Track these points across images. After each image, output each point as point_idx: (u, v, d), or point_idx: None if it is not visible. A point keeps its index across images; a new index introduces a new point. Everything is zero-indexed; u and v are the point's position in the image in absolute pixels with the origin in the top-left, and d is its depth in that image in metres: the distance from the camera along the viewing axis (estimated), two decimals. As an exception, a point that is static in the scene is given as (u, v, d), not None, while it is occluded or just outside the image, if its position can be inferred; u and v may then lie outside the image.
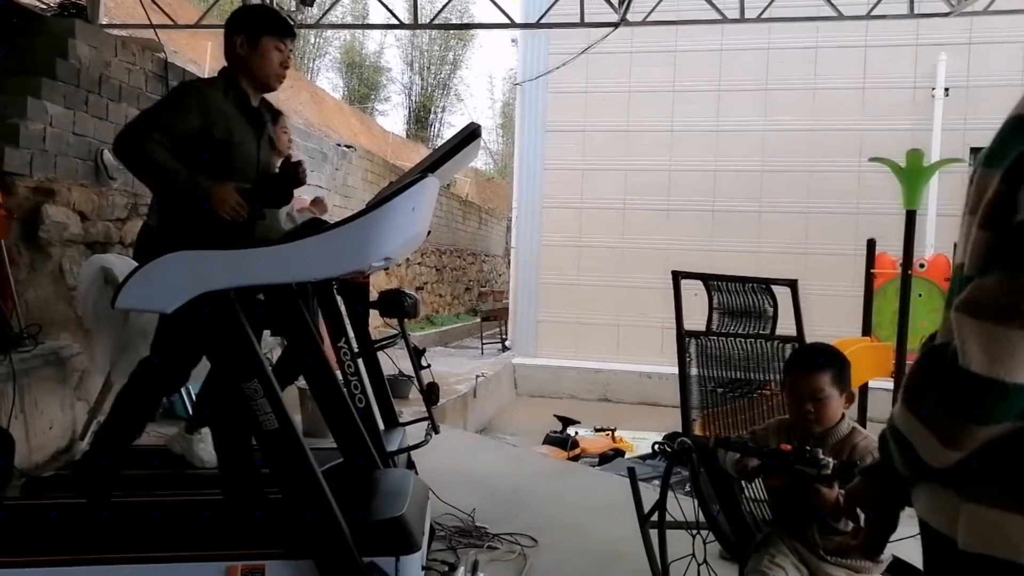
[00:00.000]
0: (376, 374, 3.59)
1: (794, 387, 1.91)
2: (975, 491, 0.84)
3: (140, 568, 2.20)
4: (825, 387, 1.84)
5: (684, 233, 11.11)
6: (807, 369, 1.88)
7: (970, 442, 0.82)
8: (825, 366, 1.86)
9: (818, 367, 1.86)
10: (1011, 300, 0.76)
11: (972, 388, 0.79)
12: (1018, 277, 0.77)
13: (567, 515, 3.58)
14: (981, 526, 0.83)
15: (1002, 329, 0.76)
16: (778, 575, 1.80)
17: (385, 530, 2.28)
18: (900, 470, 0.95)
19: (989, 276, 0.80)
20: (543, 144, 11.81)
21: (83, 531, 2.44)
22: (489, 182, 27.04)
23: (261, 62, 2.55)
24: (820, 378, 1.85)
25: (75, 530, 2.46)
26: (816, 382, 1.85)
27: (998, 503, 0.82)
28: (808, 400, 1.86)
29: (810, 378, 1.86)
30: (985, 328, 0.78)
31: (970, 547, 0.84)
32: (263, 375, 2.15)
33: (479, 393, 8.68)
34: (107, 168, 4.63)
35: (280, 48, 2.57)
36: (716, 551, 2.27)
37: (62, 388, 3.83)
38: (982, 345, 0.77)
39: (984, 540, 0.83)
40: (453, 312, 15.18)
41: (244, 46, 2.53)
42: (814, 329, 3.02)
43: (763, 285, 2.89)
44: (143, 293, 2.11)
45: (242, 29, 2.54)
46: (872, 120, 10.47)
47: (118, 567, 2.19)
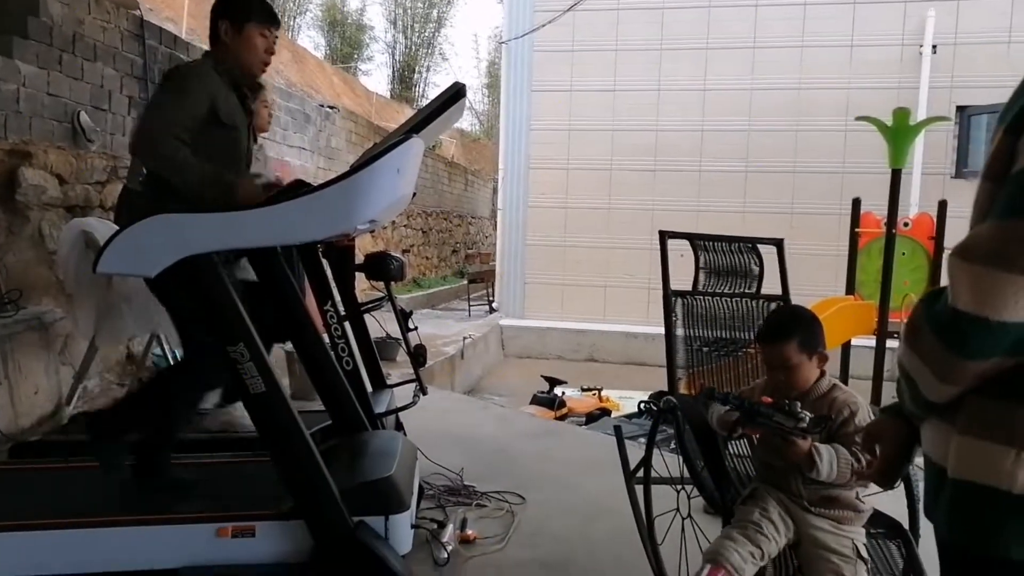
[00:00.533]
0: (363, 337, 3.59)
1: (765, 357, 1.97)
2: (966, 425, 0.91)
3: (130, 531, 2.22)
4: (792, 356, 1.87)
5: (671, 193, 11.09)
6: (772, 340, 1.92)
7: (962, 376, 0.89)
8: (790, 335, 1.88)
9: (782, 337, 1.89)
10: (1001, 245, 0.82)
11: (960, 325, 0.85)
12: (1009, 223, 0.83)
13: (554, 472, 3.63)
14: (968, 455, 0.90)
15: (989, 271, 0.82)
16: (767, 527, 1.84)
17: (374, 490, 2.31)
18: (910, 408, 1.02)
19: (985, 223, 0.86)
20: (529, 104, 11.67)
21: (71, 496, 2.45)
22: (475, 143, 26.77)
23: (245, 49, 2.50)
24: (785, 348, 1.88)
25: (63, 495, 2.46)
26: (782, 352, 1.88)
27: (984, 435, 0.89)
28: (779, 369, 1.91)
29: (776, 349, 1.90)
30: (974, 270, 0.83)
31: (958, 474, 0.91)
32: (249, 339, 2.14)
33: (466, 355, 8.72)
34: (84, 130, 4.54)
35: (265, 35, 2.52)
36: (700, 506, 2.32)
37: (46, 353, 3.81)
38: (970, 286, 0.84)
39: (970, 468, 0.90)
40: (440, 274, 15.15)
41: (228, 32, 2.48)
42: (799, 288, 3.04)
43: (749, 244, 2.89)
44: (124, 257, 2.09)
45: (226, 15, 2.49)
46: (859, 78, 10.41)
47: (107, 530, 2.21)
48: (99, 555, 2.19)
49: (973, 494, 0.89)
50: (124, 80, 5.06)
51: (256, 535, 2.20)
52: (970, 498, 0.90)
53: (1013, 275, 0.81)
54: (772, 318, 2.15)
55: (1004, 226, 0.83)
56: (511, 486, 3.30)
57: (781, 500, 1.89)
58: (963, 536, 0.92)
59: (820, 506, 1.86)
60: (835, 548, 1.81)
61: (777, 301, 2.83)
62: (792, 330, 1.91)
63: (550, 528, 2.94)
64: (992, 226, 0.84)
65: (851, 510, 1.87)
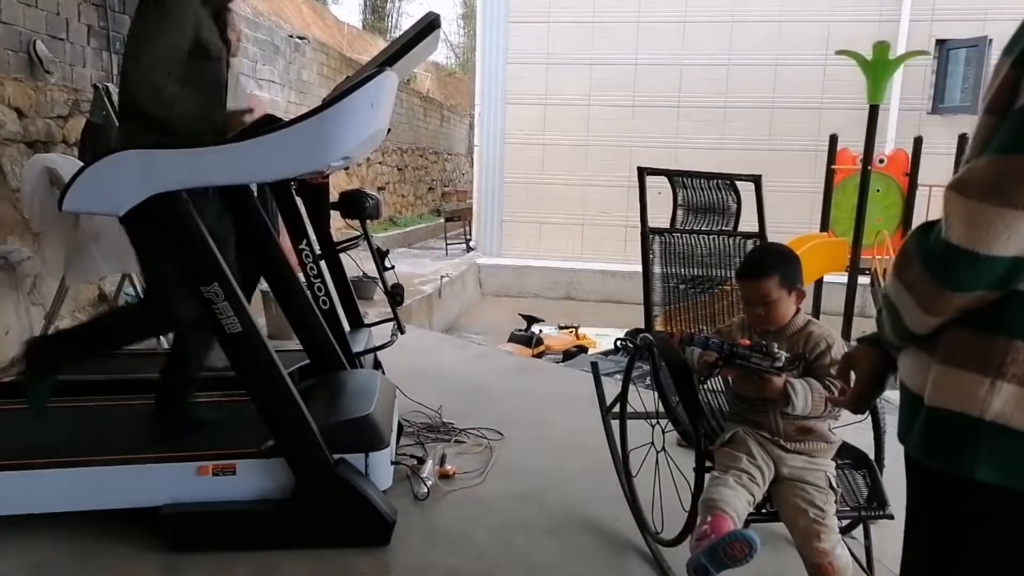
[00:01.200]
0: (339, 276, 3.56)
1: (744, 293, 2.00)
2: (943, 355, 0.94)
3: (110, 470, 2.22)
4: (772, 291, 1.91)
5: (649, 129, 10.99)
6: (753, 276, 1.95)
7: (944, 307, 0.91)
8: (771, 271, 1.92)
9: (764, 273, 1.93)
10: (996, 179, 0.83)
11: (950, 257, 0.87)
12: (1007, 159, 0.83)
13: (532, 409, 3.69)
14: (944, 383, 0.94)
15: (984, 206, 0.83)
16: (756, 473, 1.88)
17: (353, 428, 2.33)
18: (890, 338, 1.05)
19: (982, 157, 0.86)
20: (506, 36, 11.37)
21: (48, 436, 2.44)
22: (451, 77, 26.15)
23: None
24: (766, 284, 1.91)
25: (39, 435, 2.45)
26: (763, 288, 1.92)
27: (961, 364, 0.92)
28: (758, 304, 1.94)
29: (756, 285, 1.93)
30: (969, 204, 0.85)
31: (934, 402, 0.94)
32: (223, 278, 2.11)
33: (444, 293, 8.73)
34: (42, 60, 4.35)
35: None
36: (674, 440, 2.37)
37: (14, 293, 3.74)
38: (964, 219, 0.85)
39: (945, 396, 0.93)
40: (416, 212, 15.01)
41: None
42: (776, 225, 3.05)
43: (727, 181, 2.88)
44: (91, 195, 2.03)
45: None
46: (839, 11, 10.26)
47: (87, 470, 2.22)
48: (80, 494, 2.21)
49: (948, 420, 0.93)
50: (82, 7, 4.82)
51: (237, 473, 2.22)
52: (945, 424, 0.93)
53: (1007, 210, 0.82)
54: (752, 255, 2.16)
55: (1002, 160, 0.83)
56: (489, 422, 3.35)
57: (760, 441, 1.93)
58: (936, 460, 0.96)
59: (795, 440, 1.91)
60: (810, 480, 1.88)
61: (754, 239, 2.84)
62: (773, 266, 1.94)
63: (527, 462, 3.00)
64: (990, 160, 0.85)
65: (823, 442, 1.94)
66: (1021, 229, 0.82)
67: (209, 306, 2.11)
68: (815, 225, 8.70)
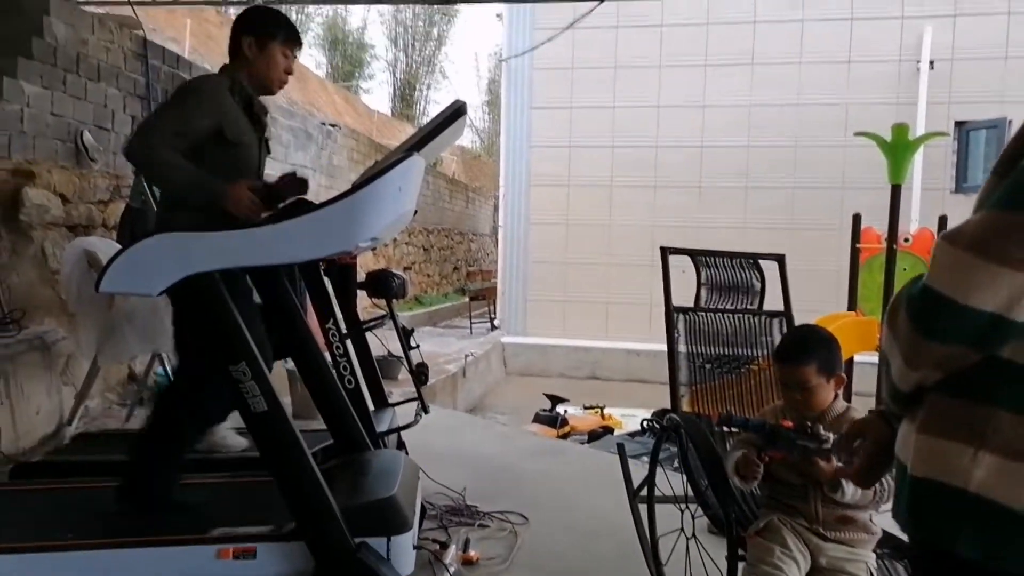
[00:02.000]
0: (365, 355, 3.58)
1: (782, 377, 1.94)
2: (926, 422, 0.93)
3: (131, 552, 2.20)
4: (811, 378, 1.86)
5: (671, 209, 11.11)
6: (792, 361, 1.90)
7: (924, 358, 0.90)
8: (809, 357, 1.86)
9: (802, 360, 1.87)
10: (986, 234, 0.83)
11: (929, 302, 0.87)
12: (999, 215, 0.84)
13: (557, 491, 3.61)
14: (927, 453, 0.92)
15: (969, 257, 0.83)
16: (791, 568, 1.79)
17: (376, 510, 2.29)
18: (887, 401, 1.03)
19: (979, 213, 0.87)
20: (530, 121, 11.73)
21: (72, 517, 2.43)
22: (476, 160, 26.88)
23: (267, 66, 2.51)
24: (805, 370, 1.86)
25: (64, 516, 2.45)
26: (801, 375, 1.86)
27: (943, 433, 0.90)
28: (796, 390, 1.89)
29: (795, 371, 1.88)
30: (956, 253, 0.85)
31: (917, 471, 0.92)
32: (251, 357, 2.14)
33: (468, 373, 8.70)
34: (88, 149, 4.57)
35: (287, 55, 2.54)
36: (704, 525, 2.30)
37: (48, 373, 3.80)
38: (948, 267, 0.86)
39: (928, 465, 0.91)
40: (441, 292, 15.15)
41: (252, 48, 2.48)
42: (801, 304, 3.03)
43: (751, 260, 2.89)
44: (127, 276, 2.09)
45: (252, 31, 2.49)
46: (857, 94, 10.47)
47: (108, 552, 2.19)
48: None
49: (932, 491, 0.90)
50: (127, 100, 5.09)
51: (257, 556, 2.18)
52: (929, 495, 0.91)
53: (990, 264, 0.82)
54: (791, 338, 2.10)
55: (996, 216, 0.84)
56: (514, 505, 3.27)
57: (796, 530, 1.85)
58: (921, 532, 0.94)
59: (836, 529, 1.84)
60: (850, 571, 1.79)
61: (779, 317, 2.82)
62: (812, 352, 1.88)
63: (553, 548, 2.91)
64: (983, 215, 0.85)
65: (865, 532, 1.86)
66: (1002, 286, 0.82)
67: (236, 385, 2.12)
68: (841, 304, 8.61)
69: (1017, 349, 0.86)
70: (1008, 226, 0.82)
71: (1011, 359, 0.86)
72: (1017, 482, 0.84)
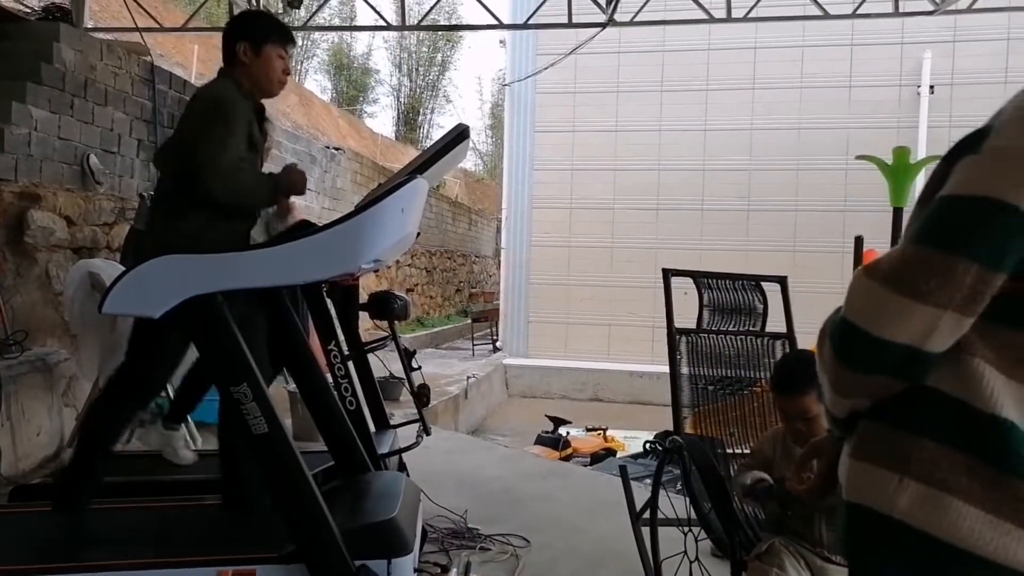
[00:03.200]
0: (366, 376, 3.58)
1: (782, 407, 1.91)
2: (856, 448, 0.94)
3: (131, 574, 2.18)
4: (812, 407, 1.83)
5: (673, 232, 11.15)
6: (790, 393, 1.87)
7: (849, 387, 0.92)
8: (809, 386, 1.82)
9: (802, 389, 1.83)
10: (900, 268, 0.84)
11: (846, 333, 0.88)
12: (913, 248, 0.84)
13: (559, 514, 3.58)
14: (857, 478, 0.93)
15: (883, 290, 0.84)
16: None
17: (376, 533, 2.27)
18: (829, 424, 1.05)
19: (899, 246, 0.87)
20: (532, 144, 11.82)
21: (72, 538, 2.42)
22: (479, 183, 27.02)
23: (264, 69, 2.53)
24: (805, 400, 1.83)
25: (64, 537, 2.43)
26: (802, 405, 1.84)
27: (871, 459, 0.91)
28: (798, 419, 1.86)
29: (795, 402, 1.85)
30: (870, 286, 0.86)
31: (849, 496, 0.94)
32: (252, 379, 2.14)
33: (470, 394, 8.67)
34: (93, 172, 4.60)
35: (282, 55, 2.56)
36: (708, 548, 2.28)
37: (49, 395, 3.80)
38: (862, 299, 0.87)
39: (857, 490, 0.92)
40: (444, 313, 15.16)
41: (247, 53, 2.51)
42: (804, 325, 3.02)
43: (753, 282, 2.89)
44: (130, 298, 2.09)
45: (245, 36, 2.52)
46: (858, 118, 10.54)
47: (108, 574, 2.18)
48: (97, 600, 2.16)
49: (861, 516, 0.91)
50: (133, 124, 5.14)
51: (256, 579, 2.16)
52: (859, 520, 0.92)
53: (900, 297, 0.83)
54: (788, 367, 2.02)
55: (908, 250, 0.85)
56: (516, 528, 3.25)
57: (799, 553, 1.84)
58: (853, 558, 0.95)
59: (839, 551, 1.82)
60: None
61: (782, 339, 2.82)
62: (811, 380, 1.82)
63: (555, 572, 2.89)
64: (899, 249, 0.86)
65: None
66: (913, 319, 0.82)
67: (237, 406, 2.12)
68: (845, 326, 8.60)
69: (941, 377, 0.86)
70: (921, 261, 0.83)
71: (936, 387, 0.87)
72: (938, 509, 0.84)
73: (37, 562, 2.19)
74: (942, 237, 0.82)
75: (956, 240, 0.81)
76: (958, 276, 0.80)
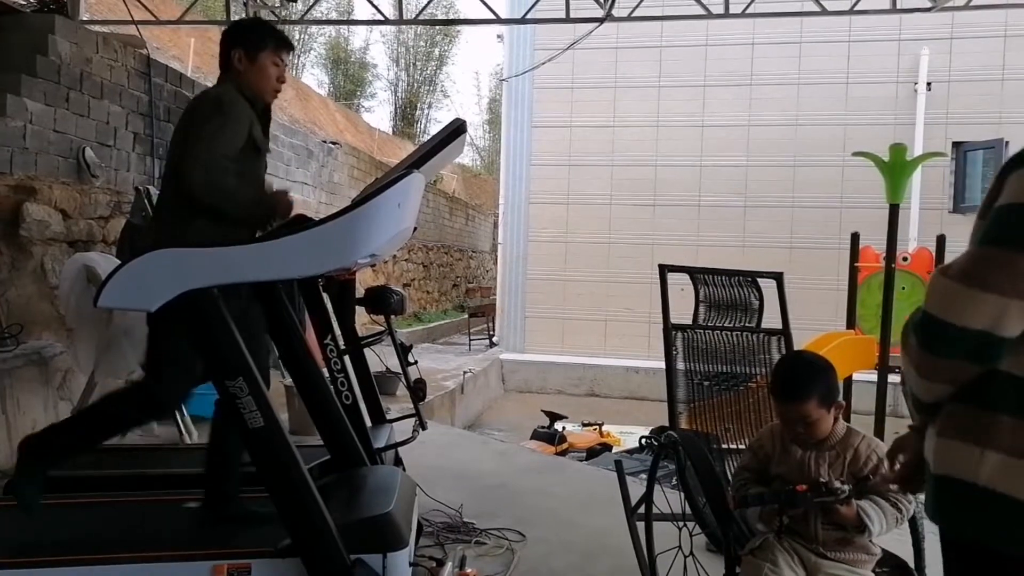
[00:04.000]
0: (363, 371, 3.58)
1: (782, 414, 1.90)
2: (942, 427, 1.09)
3: (126, 568, 2.18)
4: (812, 412, 1.83)
5: (670, 228, 11.15)
6: (791, 399, 1.86)
7: (934, 372, 1.07)
8: (809, 393, 1.82)
9: (802, 397, 1.83)
10: (971, 265, 1.01)
11: (928, 324, 1.04)
12: (981, 249, 1.01)
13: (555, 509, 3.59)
14: (943, 453, 1.08)
15: (957, 285, 1.00)
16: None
17: (372, 527, 2.28)
18: (912, 412, 1.20)
19: (966, 250, 1.04)
20: (529, 140, 11.80)
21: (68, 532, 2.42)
22: (476, 178, 26.99)
23: (259, 77, 2.52)
24: (805, 406, 1.83)
25: (59, 530, 2.43)
26: (802, 410, 1.83)
27: (955, 436, 1.06)
28: (798, 424, 1.86)
29: (795, 408, 1.85)
30: (946, 283, 1.02)
31: (937, 469, 1.09)
32: (248, 373, 2.14)
33: (467, 389, 8.68)
34: (89, 166, 4.59)
35: (278, 63, 2.55)
36: (702, 543, 2.29)
37: (45, 388, 3.80)
38: (940, 296, 1.03)
39: (944, 464, 1.08)
40: (440, 308, 15.15)
41: (242, 60, 2.50)
42: (799, 322, 3.04)
43: (749, 278, 2.90)
44: (125, 291, 2.09)
45: (241, 43, 2.50)
46: (855, 114, 10.54)
47: (104, 567, 2.18)
48: (92, 594, 2.16)
49: (948, 486, 1.07)
50: (129, 117, 5.13)
51: (252, 573, 2.17)
52: (946, 490, 1.07)
53: (970, 289, 0.99)
54: (787, 373, 1.96)
55: (979, 250, 1.02)
56: (511, 523, 3.26)
57: (794, 549, 1.84)
58: (943, 522, 1.09)
59: (835, 549, 1.83)
60: None
61: (778, 335, 2.83)
62: (811, 387, 1.84)
63: (550, 566, 2.90)
64: (970, 251, 1.03)
65: (864, 553, 1.85)
66: (984, 308, 0.98)
67: (233, 400, 2.12)
68: (840, 322, 8.61)
69: (1012, 362, 1.01)
70: (986, 258, 1.00)
71: (1008, 371, 1.01)
72: (1017, 475, 0.99)
73: (32, 555, 2.19)
74: (1001, 237, 0.99)
75: (1014, 239, 0.98)
76: (1019, 268, 0.96)
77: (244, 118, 2.41)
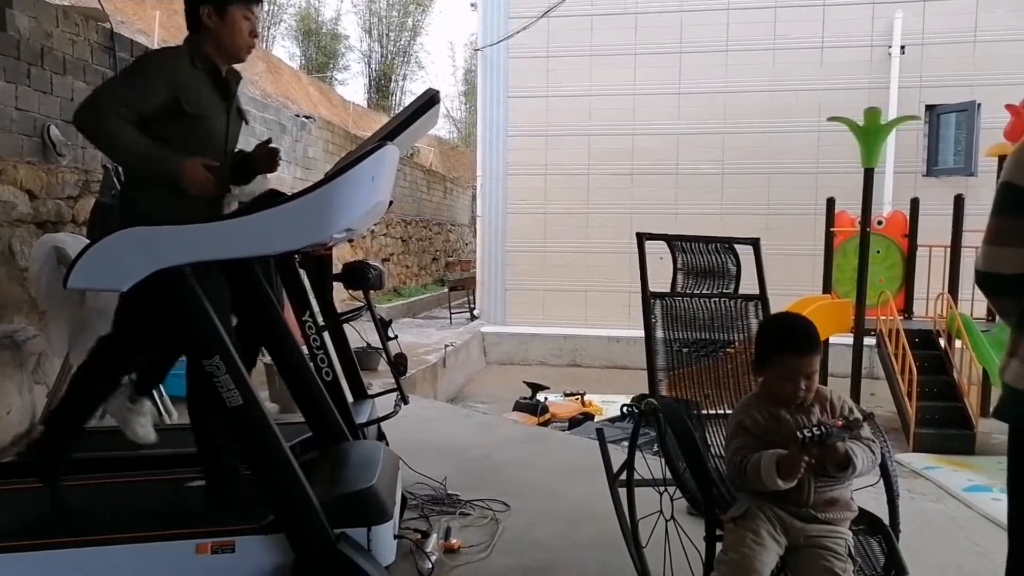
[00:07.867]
0: (343, 347, 3.56)
1: (790, 368, 1.89)
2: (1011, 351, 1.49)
3: (109, 549, 2.18)
4: (817, 365, 1.91)
5: (648, 196, 11.16)
6: (806, 352, 1.90)
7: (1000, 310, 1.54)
8: (818, 346, 1.93)
9: (818, 349, 1.92)
10: (992, 231, 1.48)
11: (978, 275, 1.52)
12: (994, 219, 1.48)
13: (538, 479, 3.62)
14: (1015, 372, 1.46)
15: (988, 246, 1.49)
16: (762, 553, 1.80)
17: (355, 501, 2.29)
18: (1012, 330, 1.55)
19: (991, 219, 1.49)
20: (506, 110, 11.69)
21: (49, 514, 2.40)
22: (453, 151, 26.76)
23: (230, 33, 2.45)
24: (816, 360, 1.90)
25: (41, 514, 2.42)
26: (814, 363, 1.89)
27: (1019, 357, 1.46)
28: (803, 378, 1.88)
29: (809, 360, 1.89)
30: (984, 245, 1.49)
31: (1015, 384, 1.46)
32: (224, 351, 2.12)
33: (448, 362, 8.69)
34: (55, 144, 4.48)
35: (248, 16, 2.47)
36: (683, 507, 2.32)
37: (19, 372, 3.74)
38: (981, 255, 1.50)
39: (1017, 380, 1.46)
40: (420, 283, 15.11)
41: (211, 17, 2.43)
42: (776, 287, 3.06)
43: (726, 244, 2.90)
44: (95, 272, 2.05)
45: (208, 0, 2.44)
46: (830, 79, 10.55)
47: (86, 550, 2.17)
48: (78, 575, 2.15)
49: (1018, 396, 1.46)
50: (94, 93, 4.99)
51: (236, 550, 2.17)
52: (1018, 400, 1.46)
53: (998, 247, 1.47)
54: (799, 328, 1.99)
55: (993, 219, 1.48)
56: (495, 494, 3.28)
57: (778, 517, 1.86)
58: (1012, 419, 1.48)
59: (823, 510, 1.86)
60: (832, 547, 1.82)
61: (755, 301, 2.84)
62: (818, 340, 1.96)
63: (534, 535, 2.93)
64: (990, 219, 1.48)
65: (847, 511, 1.90)
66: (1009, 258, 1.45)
67: (210, 379, 2.10)
68: (816, 287, 8.72)
69: None
70: (999, 225, 1.47)
71: None
72: None
73: (14, 539, 2.17)
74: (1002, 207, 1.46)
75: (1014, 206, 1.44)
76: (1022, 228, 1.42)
77: (161, 76, 2.35)
